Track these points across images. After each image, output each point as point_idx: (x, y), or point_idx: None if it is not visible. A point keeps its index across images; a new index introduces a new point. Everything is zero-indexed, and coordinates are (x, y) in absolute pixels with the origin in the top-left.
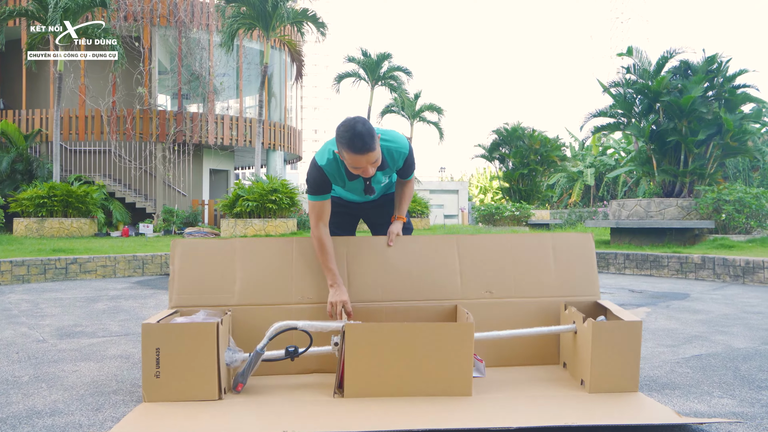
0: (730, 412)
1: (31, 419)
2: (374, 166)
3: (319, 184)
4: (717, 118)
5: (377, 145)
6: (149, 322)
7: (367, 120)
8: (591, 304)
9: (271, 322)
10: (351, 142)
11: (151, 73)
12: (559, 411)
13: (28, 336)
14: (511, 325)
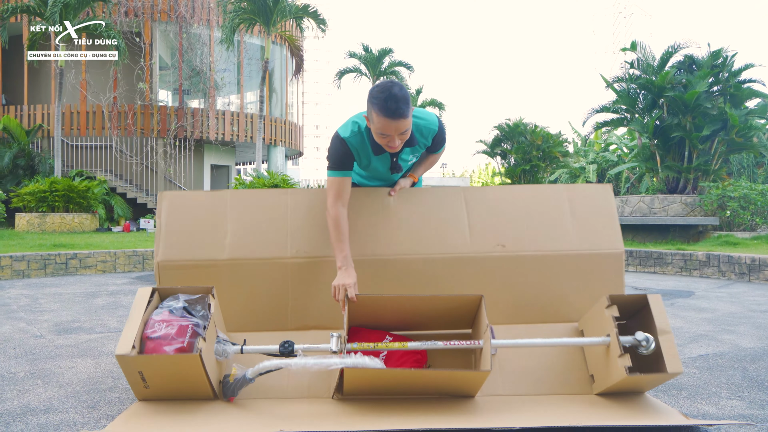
0: (739, 414)
1: (25, 416)
2: (402, 138)
3: (341, 158)
4: (722, 114)
5: (411, 115)
6: (123, 352)
7: (404, 86)
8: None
9: (264, 279)
10: (384, 103)
11: (152, 68)
12: (564, 410)
13: (26, 331)
14: (527, 282)
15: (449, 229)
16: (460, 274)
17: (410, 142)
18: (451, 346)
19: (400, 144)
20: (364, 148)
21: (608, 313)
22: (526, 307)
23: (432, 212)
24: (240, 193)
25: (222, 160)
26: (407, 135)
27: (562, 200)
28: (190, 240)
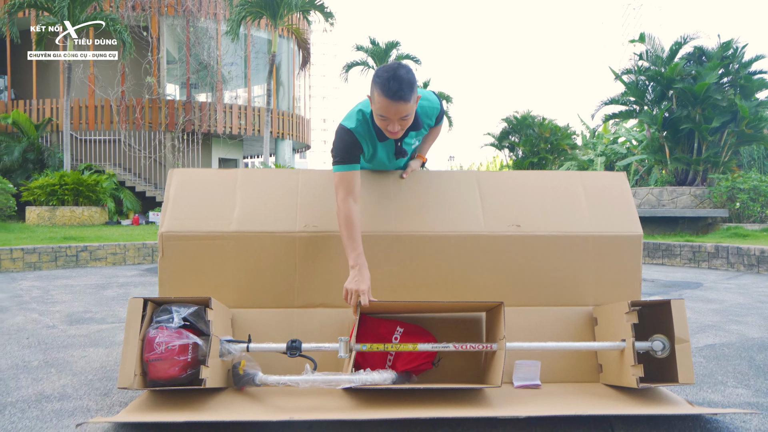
0: (745, 402)
1: (40, 403)
2: (402, 123)
3: (349, 150)
4: (732, 105)
5: (413, 100)
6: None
7: (412, 70)
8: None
9: (271, 253)
10: (387, 83)
11: (159, 62)
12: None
13: (39, 322)
14: (541, 264)
15: (462, 208)
16: (473, 253)
17: (415, 126)
18: (463, 349)
19: (401, 130)
20: (370, 135)
21: (627, 319)
22: (539, 289)
23: (445, 193)
24: (250, 172)
25: (230, 154)
26: (408, 121)
27: (577, 186)
28: (197, 212)
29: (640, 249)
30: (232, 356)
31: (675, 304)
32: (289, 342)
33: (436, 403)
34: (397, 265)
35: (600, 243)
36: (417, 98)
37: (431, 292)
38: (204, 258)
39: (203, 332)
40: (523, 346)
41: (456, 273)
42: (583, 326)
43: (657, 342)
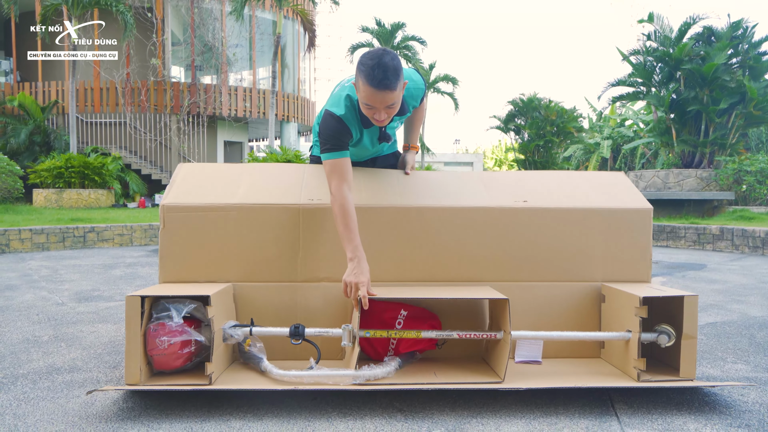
0: (744, 377)
1: (51, 375)
2: (389, 111)
3: (338, 137)
4: (740, 87)
5: (399, 88)
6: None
7: (398, 57)
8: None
9: (275, 225)
10: (371, 72)
11: (164, 44)
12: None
13: (48, 299)
14: (548, 238)
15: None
16: (479, 226)
17: (401, 111)
18: (467, 337)
19: (387, 119)
20: (356, 122)
21: (636, 313)
22: (546, 263)
23: (449, 183)
24: (258, 165)
25: (235, 137)
26: (395, 109)
27: (579, 179)
28: (202, 191)
29: (650, 224)
30: (235, 340)
31: (688, 301)
32: (292, 327)
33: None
34: (402, 238)
35: (608, 217)
36: (403, 85)
37: (436, 266)
38: (206, 230)
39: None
40: (527, 334)
41: (462, 247)
42: (590, 303)
43: (663, 336)
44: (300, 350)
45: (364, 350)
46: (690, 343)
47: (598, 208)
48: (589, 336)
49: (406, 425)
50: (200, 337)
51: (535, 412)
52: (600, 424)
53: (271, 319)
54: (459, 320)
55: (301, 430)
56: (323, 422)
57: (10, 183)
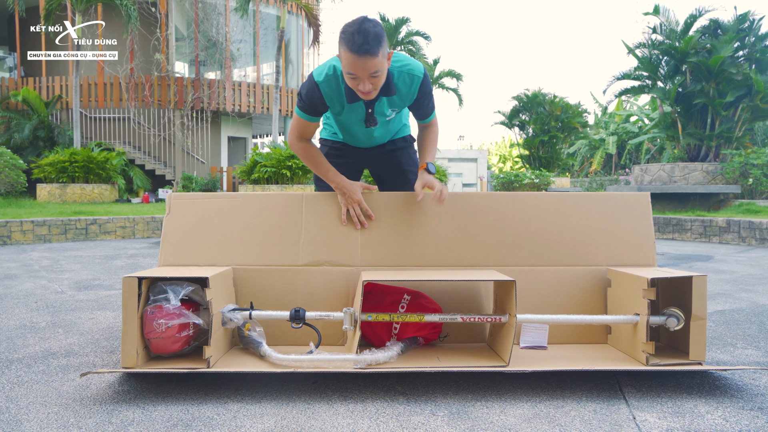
0: (755, 361)
1: (47, 359)
2: (374, 81)
3: (311, 101)
4: (747, 80)
5: (382, 55)
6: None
7: (380, 24)
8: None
9: (277, 210)
10: (351, 38)
11: (168, 39)
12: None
13: (48, 288)
14: (552, 222)
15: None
16: (483, 211)
17: (387, 91)
18: (471, 321)
19: (373, 90)
20: (338, 94)
21: (645, 295)
22: (548, 247)
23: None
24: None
25: (239, 132)
26: (379, 79)
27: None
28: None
29: (648, 207)
30: (234, 324)
31: (697, 281)
32: (292, 311)
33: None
34: (403, 222)
35: (607, 201)
36: (388, 55)
37: (439, 251)
38: (210, 216)
39: (202, 303)
40: (533, 317)
41: (465, 232)
42: (596, 288)
43: (672, 319)
44: (301, 335)
45: (366, 336)
46: (699, 325)
47: (600, 193)
48: (596, 320)
49: (408, 408)
50: (198, 320)
51: (541, 395)
52: (608, 407)
53: (272, 304)
54: (462, 307)
55: (301, 412)
56: (323, 405)
57: (14, 177)
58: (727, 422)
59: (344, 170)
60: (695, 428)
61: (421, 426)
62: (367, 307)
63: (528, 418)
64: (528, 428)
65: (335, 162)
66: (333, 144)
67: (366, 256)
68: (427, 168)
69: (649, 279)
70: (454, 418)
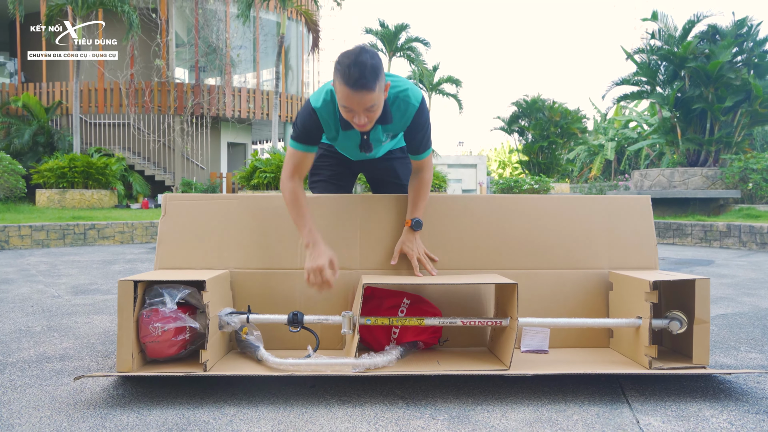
0: (759, 365)
1: (41, 363)
2: (369, 115)
3: (307, 130)
4: (746, 85)
5: (379, 89)
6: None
7: (377, 55)
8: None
9: (277, 213)
10: (347, 71)
11: (168, 45)
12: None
13: (44, 292)
14: (553, 224)
15: None
16: (484, 213)
17: (383, 119)
18: (471, 324)
19: (368, 123)
20: (334, 120)
21: (647, 298)
22: (549, 251)
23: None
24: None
25: (238, 138)
26: (375, 113)
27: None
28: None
29: (649, 210)
30: (232, 328)
31: (700, 284)
32: (290, 315)
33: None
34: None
35: (609, 204)
36: (385, 86)
37: (439, 255)
38: (207, 218)
39: (199, 307)
40: (534, 321)
41: (466, 235)
42: (597, 291)
43: (674, 322)
44: (299, 340)
45: (365, 341)
46: (703, 328)
47: (601, 197)
48: (598, 323)
49: (408, 412)
50: (195, 323)
51: (543, 399)
52: (611, 410)
53: (270, 308)
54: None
55: (299, 416)
56: (321, 409)
57: (13, 182)
58: (732, 426)
59: (339, 174)
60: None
61: (421, 430)
62: (367, 311)
63: (530, 422)
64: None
65: (329, 164)
66: (328, 147)
67: (365, 259)
68: (412, 225)
69: (651, 282)
70: (455, 422)
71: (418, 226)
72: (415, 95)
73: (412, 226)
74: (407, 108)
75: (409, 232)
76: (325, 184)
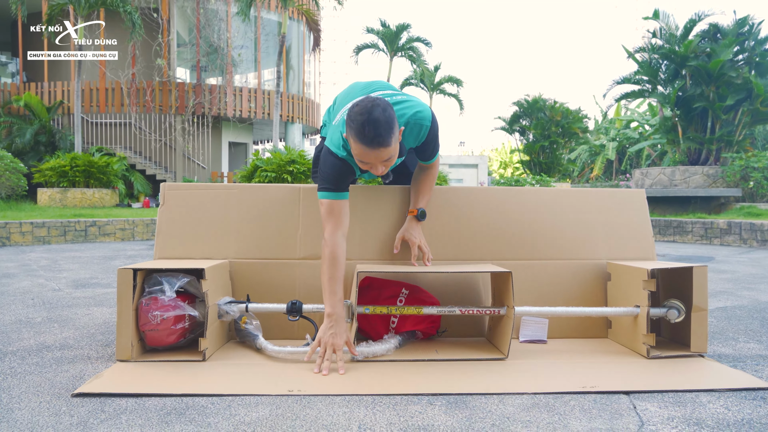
0: (757, 354)
1: (41, 352)
2: (386, 164)
3: (340, 178)
4: (747, 83)
5: (394, 141)
6: (124, 357)
7: (390, 106)
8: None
9: (275, 203)
10: (361, 129)
11: (169, 44)
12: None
13: (45, 286)
14: (549, 215)
15: None
16: (482, 205)
17: (400, 153)
18: (469, 313)
19: (385, 170)
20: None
21: (645, 286)
22: (547, 241)
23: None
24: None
25: (240, 138)
26: (392, 161)
27: None
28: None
29: (644, 202)
30: (231, 317)
31: (697, 271)
32: (289, 304)
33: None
34: (401, 216)
35: (605, 196)
36: (399, 133)
37: (437, 245)
38: (206, 207)
39: (198, 295)
40: (531, 310)
41: (464, 226)
42: (595, 281)
43: (672, 311)
44: (297, 329)
45: (364, 331)
46: (701, 316)
47: (597, 189)
48: (595, 312)
49: (406, 398)
50: (194, 312)
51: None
52: (608, 396)
53: (269, 297)
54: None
55: (296, 401)
56: (318, 395)
57: (14, 180)
58: (729, 411)
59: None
60: (697, 416)
61: (418, 415)
62: (365, 300)
63: (527, 407)
64: (527, 417)
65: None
66: None
67: (363, 250)
68: (417, 215)
69: (649, 270)
70: (452, 407)
71: (423, 217)
72: (426, 115)
73: (417, 215)
74: (421, 129)
75: (413, 221)
76: None
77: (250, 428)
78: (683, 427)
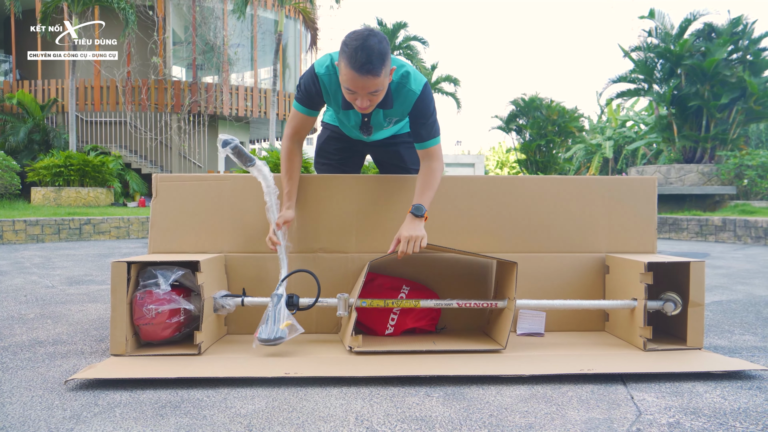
0: (752, 346)
1: (34, 347)
2: (372, 99)
3: (309, 94)
4: (741, 82)
5: (384, 74)
6: (118, 351)
7: (386, 40)
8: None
9: None
10: (354, 54)
11: (165, 42)
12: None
13: (38, 283)
14: (551, 206)
15: None
16: (482, 195)
17: (384, 104)
18: (467, 306)
19: (370, 106)
20: (334, 95)
21: (642, 279)
22: (547, 234)
23: None
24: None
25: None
26: (378, 97)
27: None
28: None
29: (654, 192)
30: (227, 310)
31: (694, 266)
32: (286, 297)
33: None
34: (400, 208)
35: (611, 186)
36: (390, 71)
37: (437, 237)
38: (200, 199)
39: (193, 289)
40: (530, 303)
41: (464, 217)
42: (594, 274)
43: (669, 303)
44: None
45: (363, 325)
46: (697, 311)
47: (600, 177)
48: (593, 305)
49: (403, 389)
50: (189, 305)
51: (538, 378)
52: (606, 387)
53: (265, 291)
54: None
55: (293, 394)
56: (316, 387)
57: (7, 179)
58: (725, 400)
59: (346, 156)
60: (694, 406)
61: (416, 406)
62: (366, 294)
63: (524, 398)
64: (524, 408)
65: (336, 147)
66: (334, 128)
67: (361, 243)
68: (412, 210)
69: (646, 263)
70: (449, 398)
71: (418, 211)
72: (417, 82)
73: (411, 211)
74: (407, 94)
75: (407, 217)
76: (330, 168)
77: (246, 420)
78: (680, 417)
